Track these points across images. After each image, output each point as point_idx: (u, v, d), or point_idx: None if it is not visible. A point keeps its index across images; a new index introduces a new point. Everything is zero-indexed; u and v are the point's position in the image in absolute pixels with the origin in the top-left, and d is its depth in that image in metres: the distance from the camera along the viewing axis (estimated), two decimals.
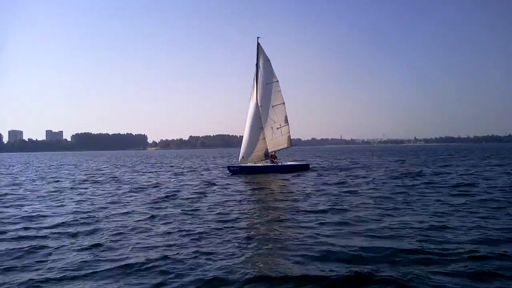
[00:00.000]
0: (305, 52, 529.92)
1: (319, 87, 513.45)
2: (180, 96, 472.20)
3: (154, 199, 17.07)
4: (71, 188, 22.99)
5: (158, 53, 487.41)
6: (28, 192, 20.89)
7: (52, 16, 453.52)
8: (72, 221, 12.26)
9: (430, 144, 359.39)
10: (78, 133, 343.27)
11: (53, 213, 13.92)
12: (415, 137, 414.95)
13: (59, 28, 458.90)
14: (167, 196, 17.81)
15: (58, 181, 28.41)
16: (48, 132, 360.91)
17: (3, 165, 62.83)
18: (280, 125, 33.32)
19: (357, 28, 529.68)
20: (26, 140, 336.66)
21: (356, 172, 30.46)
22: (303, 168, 33.78)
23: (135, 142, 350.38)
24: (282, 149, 34.23)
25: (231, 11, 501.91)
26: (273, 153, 32.95)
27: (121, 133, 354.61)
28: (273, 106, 32.98)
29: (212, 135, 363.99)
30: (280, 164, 32.98)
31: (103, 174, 35.36)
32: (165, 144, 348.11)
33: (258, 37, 32.67)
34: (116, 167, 47.15)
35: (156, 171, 37.83)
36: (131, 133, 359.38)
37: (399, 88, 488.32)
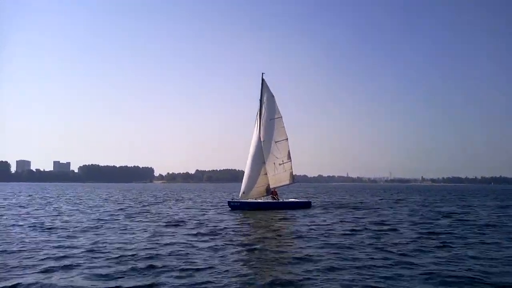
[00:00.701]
0: (311, 86, 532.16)
1: (326, 123, 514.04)
2: (187, 129, 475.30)
3: (201, 233, 17.42)
4: (111, 220, 23.33)
5: (165, 87, 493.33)
6: (76, 223, 21.26)
7: (58, 45, 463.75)
8: (144, 256, 12.40)
9: (437, 184, 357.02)
10: (85, 165, 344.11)
11: (116, 247, 14.13)
12: (422, 177, 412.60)
13: (64, 62, 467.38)
14: (212, 232, 17.88)
15: (94, 212, 28.83)
16: (56, 163, 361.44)
17: (21, 194, 62.96)
18: (283, 161, 33.01)
19: (366, 60, 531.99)
20: (34, 170, 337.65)
21: (382, 211, 30.59)
22: (304, 206, 33.20)
23: (142, 175, 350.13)
24: (284, 185, 33.78)
25: (237, 44, 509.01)
26: (273, 189, 32.25)
27: (128, 165, 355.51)
28: (276, 142, 32.75)
29: (218, 170, 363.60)
30: (281, 201, 32.70)
31: (129, 206, 35.71)
32: (171, 178, 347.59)
33: (262, 73, 32.83)
34: (138, 200, 47.43)
35: (179, 205, 38.17)
36: (138, 166, 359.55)
37: (406, 126, 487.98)
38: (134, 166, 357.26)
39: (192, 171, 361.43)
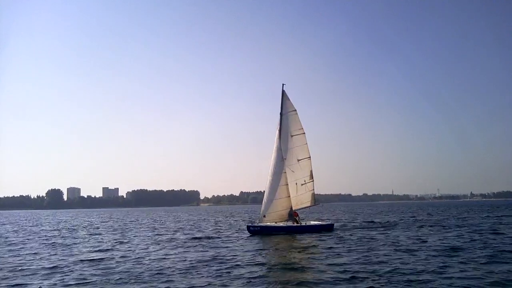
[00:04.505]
0: (350, 101, 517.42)
1: (369, 140, 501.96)
2: (231, 153, 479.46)
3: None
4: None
5: (203, 111, 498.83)
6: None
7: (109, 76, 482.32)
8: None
9: (487, 199, 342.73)
10: (134, 190, 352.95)
11: None
12: (471, 192, 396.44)
13: (112, 93, 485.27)
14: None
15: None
16: (105, 189, 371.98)
17: (90, 221, 61.82)
18: (305, 181, 30.56)
19: (409, 77, 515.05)
20: (85, 196, 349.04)
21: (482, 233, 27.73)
22: (327, 229, 30.66)
23: (189, 198, 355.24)
24: (305, 207, 31.47)
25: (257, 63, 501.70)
26: (294, 211, 30.03)
27: (175, 189, 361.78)
28: (298, 160, 30.35)
29: (262, 191, 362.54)
30: (303, 224, 30.12)
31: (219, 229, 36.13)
32: (217, 200, 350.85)
33: (283, 84, 30.43)
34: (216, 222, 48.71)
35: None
36: (184, 190, 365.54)
37: (453, 141, 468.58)
38: (181, 189, 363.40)
39: (237, 193, 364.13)
